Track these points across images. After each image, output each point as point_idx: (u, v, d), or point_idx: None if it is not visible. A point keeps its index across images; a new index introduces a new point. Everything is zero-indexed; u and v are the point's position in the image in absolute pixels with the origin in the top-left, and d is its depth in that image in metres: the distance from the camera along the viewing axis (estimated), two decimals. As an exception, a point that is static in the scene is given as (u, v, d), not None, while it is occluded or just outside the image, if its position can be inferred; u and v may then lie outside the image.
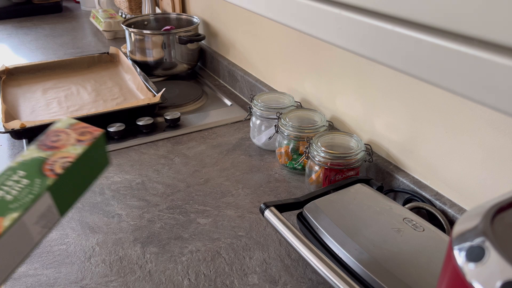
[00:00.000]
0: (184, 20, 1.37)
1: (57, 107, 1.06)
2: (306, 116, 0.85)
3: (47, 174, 0.44)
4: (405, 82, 0.69)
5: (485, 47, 0.23)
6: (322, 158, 0.73)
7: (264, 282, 0.60)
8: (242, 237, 0.68)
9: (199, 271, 0.62)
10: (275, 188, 0.80)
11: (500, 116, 0.55)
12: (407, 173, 0.72)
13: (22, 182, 0.44)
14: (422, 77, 0.27)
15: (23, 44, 1.60)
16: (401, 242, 0.55)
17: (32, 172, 0.45)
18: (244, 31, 1.14)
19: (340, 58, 0.82)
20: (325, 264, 0.51)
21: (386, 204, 0.62)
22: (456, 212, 0.63)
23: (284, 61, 1.00)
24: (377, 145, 0.78)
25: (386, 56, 0.29)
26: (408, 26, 0.27)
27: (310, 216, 0.61)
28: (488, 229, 0.26)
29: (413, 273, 0.51)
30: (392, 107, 0.72)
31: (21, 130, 0.88)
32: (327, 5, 0.33)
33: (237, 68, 1.19)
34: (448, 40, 0.25)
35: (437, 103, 0.64)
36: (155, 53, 1.24)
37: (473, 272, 0.25)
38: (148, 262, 0.63)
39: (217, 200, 0.77)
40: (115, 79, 1.24)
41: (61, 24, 1.87)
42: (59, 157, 0.46)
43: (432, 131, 0.66)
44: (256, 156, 0.90)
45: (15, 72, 1.22)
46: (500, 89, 0.23)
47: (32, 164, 0.46)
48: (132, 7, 1.66)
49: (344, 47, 0.33)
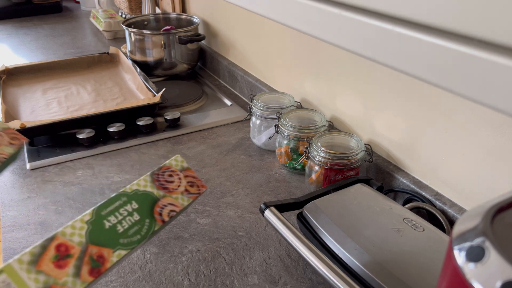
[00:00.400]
0: (184, 20, 1.37)
1: (57, 107, 1.06)
2: (306, 116, 0.85)
3: (156, 218, 0.45)
4: (406, 82, 0.69)
5: (485, 47, 0.23)
6: (322, 158, 0.73)
7: (264, 282, 0.60)
8: (242, 237, 0.68)
9: (199, 271, 0.62)
10: (275, 188, 0.80)
11: (500, 116, 0.55)
12: (407, 173, 0.72)
13: (134, 217, 0.44)
14: (422, 77, 0.27)
15: (23, 44, 1.60)
16: (401, 242, 0.55)
17: (144, 210, 0.45)
18: (244, 31, 1.14)
19: (340, 58, 0.82)
20: (325, 264, 0.51)
21: (386, 204, 0.62)
22: (456, 212, 0.63)
23: (284, 61, 1.00)
24: (377, 145, 0.78)
25: (386, 56, 0.29)
26: (409, 26, 0.27)
27: (310, 216, 0.61)
28: (488, 229, 0.26)
29: (413, 273, 0.51)
30: (392, 107, 0.73)
31: (21, 130, 0.88)
32: (327, 5, 0.33)
33: (237, 68, 1.19)
34: (448, 40, 0.25)
35: (437, 103, 0.64)
36: (155, 53, 1.24)
37: (473, 272, 0.25)
38: (148, 262, 0.63)
39: (217, 200, 0.77)
40: (115, 79, 1.24)
41: (61, 24, 1.87)
42: (169, 202, 0.48)
43: (432, 131, 0.66)
44: (256, 156, 0.90)
45: (15, 72, 1.22)
46: (500, 89, 0.23)
47: (145, 199, 0.46)
48: (132, 7, 1.66)
49: (344, 47, 0.33)
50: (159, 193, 0.48)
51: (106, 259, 0.41)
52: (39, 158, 0.88)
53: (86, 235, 0.41)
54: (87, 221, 0.42)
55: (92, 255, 0.40)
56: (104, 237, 0.42)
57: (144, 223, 0.44)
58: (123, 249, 0.42)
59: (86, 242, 0.41)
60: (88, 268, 0.39)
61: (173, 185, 0.50)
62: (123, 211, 0.44)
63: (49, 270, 0.38)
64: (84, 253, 0.40)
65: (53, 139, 0.95)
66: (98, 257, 0.40)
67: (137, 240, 0.43)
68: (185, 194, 0.50)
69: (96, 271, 0.39)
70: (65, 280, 0.38)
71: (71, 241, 0.40)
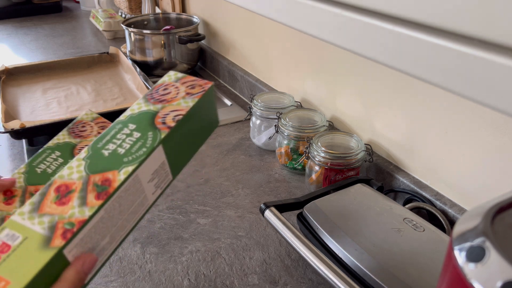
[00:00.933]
0: (184, 20, 1.37)
1: (57, 107, 1.06)
2: (306, 116, 0.85)
3: (159, 127, 0.42)
4: (406, 82, 0.69)
5: (485, 47, 0.23)
6: (322, 158, 0.73)
7: (264, 283, 0.60)
8: (242, 237, 0.68)
9: (199, 271, 0.62)
10: (275, 188, 0.80)
11: (500, 116, 0.55)
12: (407, 173, 0.72)
13: (134, 136, 0.41)
14: (423, 77, 0.27)
15: (23, 44, 1.60)
16: (401, 242, 0.55)
17: (144, 125, 0.42)
18: (244, 31, 1.14)
19: (340, 58, 0.82)
20: (325, 265, 0.51)
21: (386, 204, 0.62)
22: (456, 212, 0.63)
23: (284, 61, 1.00)
24: (377, 145, 0.78)
25: (387, 56, 0.29)
26: (409, 26, 0.27)
27: (310, 216, 0.61)
28: (488, 229, 0.26)
29: (413, 273, 0.51)
30: (393, 107, 0.72)
31: (21, 130, 0.88)
32: (328, 5, 0.33)
33: (237, 68, 1.19)
34: (448, 40, 0.25)
35: (437, 103, 0.64)
36: (155, 53, 1.24)
37: (473, 272, 0.25)
38: (148, 262, 0.63)
39: (217, 200, 0.77)
40: (115, 79, 1.24)
41: (61, 24, 1.87)
42: (170, 110, 0.44)
43: (433, 131, 0.66)
44: (256, 156, 0.90)
45: (15, 72, 1.22)
46: (500, 89, 0.23)
47: (142, 117, 0.43)
48: (132, 7, 1.66)
49: (344, 47, 0.33)
50: (156, 107, 0.44)
51: (112, 180, 0.38)
52: (39, 158, 0.88)
53: (85, 169, 0.39)
54: (84, 157, 0.40)
55: (96, 182, 0.38)
56: (105, 164, 0.39)
57: (147, 136, 0.41)
58: (129, 165, 0.39)
59: (87, 174, 0.39)
60: (94, 194, 0.37)
61: (170, 95, 0.46)
62: (121, 135, 0.42)
63: (52, 210, 0.36)
64: (86, 184, 0.38)
65: (53, 139, 0.95)
66: (103, 182, 0.38)
67: (144, 153, 0.39)
68: (188, 97, 0.45)
69: (104, 193, 0.37)
70: (71, 212, 0.36)
71: (71, 179, 0.38)
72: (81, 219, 0.35)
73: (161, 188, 0.43)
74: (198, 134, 0.47)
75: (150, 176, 0.41)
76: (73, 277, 0.34)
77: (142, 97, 0.46)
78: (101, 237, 0.37)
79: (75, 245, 0.35)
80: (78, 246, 0.35)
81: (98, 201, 0.36)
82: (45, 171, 0.49)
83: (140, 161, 0.39)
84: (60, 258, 0.34)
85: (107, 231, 0.38)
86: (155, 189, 0.42)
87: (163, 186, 0.43)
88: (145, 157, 0.39)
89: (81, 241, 0.36)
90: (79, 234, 0.35)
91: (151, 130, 0.42)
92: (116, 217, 0.38)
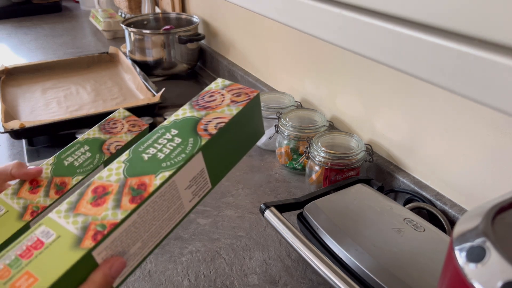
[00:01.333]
0: (183, 19, 1.37)
1: (56, 107, 1.06)
2: (306, 116, 0.85)
3: (200, 134, 0.41)
4: (406, 82, 0.69)
5: (485, 46, 0.23)
6: (322, 158, 0.73)
7: (264, 283, 0.60)
8: (242, 238, 0.68)
9: (199, 271, 0.62)
10: (275, 188, 0.80)
11: (500, 116, 0.55)
12: (408, 173, 0.72)
13: (175, 141, 0.41)
14: (423, 77, 0.27)
15: (22, 44, 1.60)
16: (401, 243, 0.55)
17: (186, 131, 0.42)
18: (244, 31, 1.14)
19: (340, 58, 0.82)
20: (326, 265, 0.51)
21: (386, 204, 0.62)
22: (456, 212, 0.63)
23: (284, 61, 1.00)
24: (378, 145, 0.78)
25: (387, 56, 0.29)
26: (409, 26, 0.27)
27: (310, 216, 0.61)
28: (488, 229, 0.26)
29: (413, 273, 0.51)
30: (393, 107, 0.72)
31: (21, 130, 0.88)
32: (328, 4, 0.33)
33: (237, 68, 1.19)
34: (448, 39, 0.25)
35: (437, 103, 0.64)
36: (154, 53, 1.24)
37: (473, 273, 0.25)
38: (148, 263, 0.63)
39: (217, 200, 0.77)
40: (114, 79, 1.23)
41: (61, 23, 1.87)
42: (213, 117, 0.43)
43: (433, 131, 0.66)
44: (256, 156, 0.90)
45: (14, 72, 1.22)
46: (500, 89, 0.23)
47: (185, 123, 0.43)
48: (131, 6, 1.65)
49: (344, 47, 0.33)
50: (200, 114, 0.44)
51: (148, 185, 0.37)
52: (39, 158, 0.88)
53: (124, 172, 0.39)
54: (124, 160, 0.40)
55: (132, 186, 0.37)
56: (143, 168, 0.39)
57: (188, 142, 0.40)
58: (166, 170, 0.38)
59: (125, 177, 0.38)
60: (128, 197, 0.36)
61: (215, 102, 0.45)
62: (162, 140, 0.41)
63: (87, 210, 0.36)
64: (123, 187, 0.37)
65: (52, 139, 0.95)
66: (139, 186, 0.37)
67: (183, 159, 0.39)
68: (232, 105, 0.44)
69: (138, 198, 0.36)
70: (104, 214, 0.35)
71: (109, 181, 0.38)
72: (113, 222, 0.35)
73: (199, 196, 0.42)
74: (241, 143, 0.46)
75: (188, 183, 0.40)
76: (100, 280, 0.34)
77: (188, 103, 0.46)
78: (132, 242, 0.37)
79: (105, 247, 0.35)
80: (108, 249, 0.35)
81: (132, 204, 0.36)
82: (72, 164, 0.51)
83: (178, 167, 0.38)
84: (88, 260, 0.34)
85: (139, 236, 0.37)
86: (193, 196, 0.41)
87: (201, 194, 0.42)
88: (183, 163, 0.39)
89: (112, 244, 0.35)
90: (110, 237, 0.35)
91: (192, 136, 0.41)
92: (149, 222, 0.38)
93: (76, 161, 0.51)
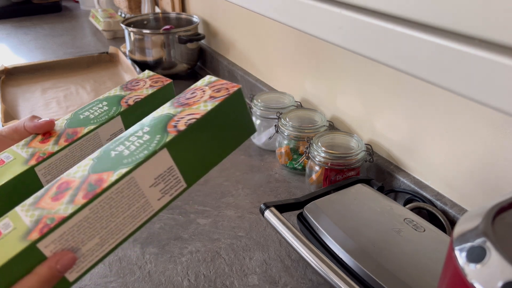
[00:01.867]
0: (183, 19, 1.37)
1: (56, 107, 1.06)
2: (306, 116, 0.85)
3: (169, 131, 0.40)
4: (406, 82, 0.69)
5: (486, 46, 0.23)
6: (322, 158, 0.72)
7: (264, 283, 0.60)
8: (242, 238, 0.68)
9: (198, 271, 0.62)
10: (275, 188, 0.80)
11: (500, 116, 0.55)
12: (408, 173, 0.72)
13: (143, 138, 0.40)
14: (423, 77, 0.27)
15: (22, 44, 1.60)
16: (401, 243, 0.55)
17: (156, 129, 0.41)
18: (244, 31, 1.14)
19: (340, 58, 0.82)
20: (326, 265, 0.51)
21: (386, 205, 0.62)
22: (457, 212, 0.63)
23: (284, 61, 1.00)
24: (378, 145, 0.78)
25: (387, 56, 0.29)
26: (409, 26, 0.27)
27: (310, 216, 0.61)
28: (489, 230, 0.26)
29: (413, 273, 0.51)
30: (393, 107, 0.72)
31: (21, 130, 0.88)
32: (328, 4, 0.33)
33: (237, 68, 1.19)
34: (449, 39, 0.25)
35: (438, 103, 0.64)
36: (154, 53, 1.24)
37: (474, 273, 0.25)
38: (148, 263, 0.63)
39: (217, 200, 0.77)
40: (114, 79, 1.23)
41: (61, 23, 1.87)
42: (187, 114, 0.42)
43: (433, 131, 0.66)
44: (256, 156, 0.90)
45: (14, 72, 1.22)
46: (500, 89, 0.23)
47: (159, 120, 0.42)
48: (131, 6, 1.65)
49: (344, 47, 0.33)
50: (176, 111, 0.42)
51: (104, 181, 0.37)
52: (39, 158, 0.88)
53: (88, 169, 0.38)
54: (93, 157, 0.40)
55: (91, 182, 0.37)
56: (107, 164, 0.38)
57: (154, 139, 0.39)
58: (125, 167, 0.37)
59: (88, 174, 0.38)
60: (83, 193, 0.36)
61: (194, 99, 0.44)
62: (133, 137, 0.40)
63: (46, 205, 0.37)
64: (83, 183, 0.37)
65: (52, 139, 0.95)
66: (96, 182, 0.37)
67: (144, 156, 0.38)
68: (210, 100, 0.43)
69: (91, 193, 0.36)
70: (58, 208, 0.36)
71: (74, 178, 0.38)
72: (61, 216, 0.35)
73: (170, 195, 0.41)
74: (222, 140, 0.44)
75: (153, 180, 0.39)
76: (45, 272, 0.34)
77: (170, 101, 0.44)
78: (87, 237, 0.37)
79: (53, 241, 0.35)
80: (57, 243, 0.35)
81: (83, 199, 0.36)
82: (87, 117, 0.50)
83: (137, 164, 0.38)
84: (34, 252, 0.34)
85: (96, 232, 0.37)
86: (162, 195, 0.40)
87: (174, 193, 0.41)
88: (143, 160, 0.38)
89: (61, 238, 0.35)
90: (57, 231, 0.35)
91: (160, 133, 0.40)
92: (106, 219, 0.37)
93: (91, 114, 0.50)
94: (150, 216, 0.40)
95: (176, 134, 0.39)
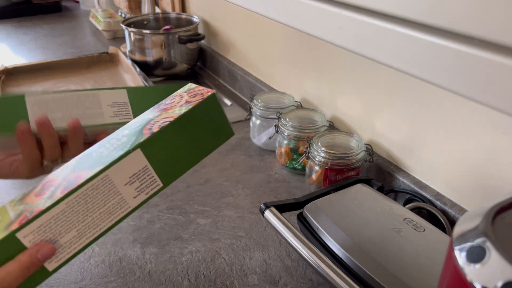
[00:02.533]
0: (183, 19, 1.37)
1: (56, 107, 1.06)
2: (306, 116, 0.85)
3: (144, 133, 0.43)
4: (406, 82, 0.69)
5: (486, 46, 0.23)
6: (322, 158, 0.73)
7: (264, 283, 0.60)
8: (242, 238, 0.68)
9: (199, 271, 0.62)
10: (275, 188, 0.80)
11: (500, 116, 0.55)
12: (408, 173, 0.72)
13: (122, 140, 0.43)
14: (423, 76, 0.27)
15: (22, 44, 1.60)
16: (401, 243, 0.55)
17: (134, 131, 0.43)
18: (244, 31, 1.14)
19: (340, 58, 0.82)
20: (326, 265, 0.51)
21: (386, 205, 0.62)
22: (456, 212, 0.63)
23: (284, 61, 1.00)
24: (378, 145, 0.78)
25: (387, 56, 0.29)
26: (409, 26, 0.27)
27: (310, 216, 0.61)
28: (489, 229, 0.26)
29: (413, 273, 0.51)
30: (393, 107, 0.72)
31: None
32: (328, 4, 0.33)
33: (237, 68, 1.19)
34: (449, 39, 0.25)
35: (438, 103, 0.64)
36: (154, 53, 1.24)
37: (473, 273, 0.25)
38: (148, 263, 0.63)
39: (217, 200, 0.77)
40: (114, 79, 1.23)
41: (61, 23, 1.87)
42: (162, 117, 0.44)
43: (433, 131, 0.66)
44: (256, 156, 0.90)
45: (14, 72, 1.22)
46: (500, 89, 0.23)
47: (138, 125, 0.44)
48: (131, 6, 1.65)
49: (344, 47, 0.33)
50: (154, 115, 0.45)
51: (81, 177, 0.40)
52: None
53: (71, 168, 0.42)
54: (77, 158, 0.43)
55: (70, 179, 0.40)
56: (87, 164, 0.41)
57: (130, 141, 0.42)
58: (101, 165, 0.40)
59: (69, 172, 0.41)
60: (61, 189, 0.39)
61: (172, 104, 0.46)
62: (113, 140, 0.43)
63: (30, 200, 0.40)
64: (63, 180, 0.40)
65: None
66: (74, 178, 0.40)
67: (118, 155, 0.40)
68: (185, 105, 0.45)
69: (68, 189, 0.39)
70: (38, 203, 0.39)
71: (58, 176, 0.41)
72: (40, 209, 0.38)
73: (146, 193, 0.43)
74: (198, 142, 0.46)
75: (128, 179, 0.41)
76: (26, 260, 0.37)
77: (152, 107, 0.47)
78: (64, 230, 0.39)
79: (31, 231, 0.38)
80: (35, 234, 0.38)
81: (60, 195, 0.39)
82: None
83: (112, 162, 0.40)
84: (14, 241, 0.37)
85: (72, 225, 0.40)
86: (138, 193, 0.42)
87: (150, 192, 0.43)
88: (117, 159, 0.40)
89: (39, 229, 0.38)
90: (35, 222, 0.38)
91: (136, 135, 0.43)
92: (83, 213, 0.40)
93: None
94: (127, 213, 0.42)
95: (149, 136, 0.42)
